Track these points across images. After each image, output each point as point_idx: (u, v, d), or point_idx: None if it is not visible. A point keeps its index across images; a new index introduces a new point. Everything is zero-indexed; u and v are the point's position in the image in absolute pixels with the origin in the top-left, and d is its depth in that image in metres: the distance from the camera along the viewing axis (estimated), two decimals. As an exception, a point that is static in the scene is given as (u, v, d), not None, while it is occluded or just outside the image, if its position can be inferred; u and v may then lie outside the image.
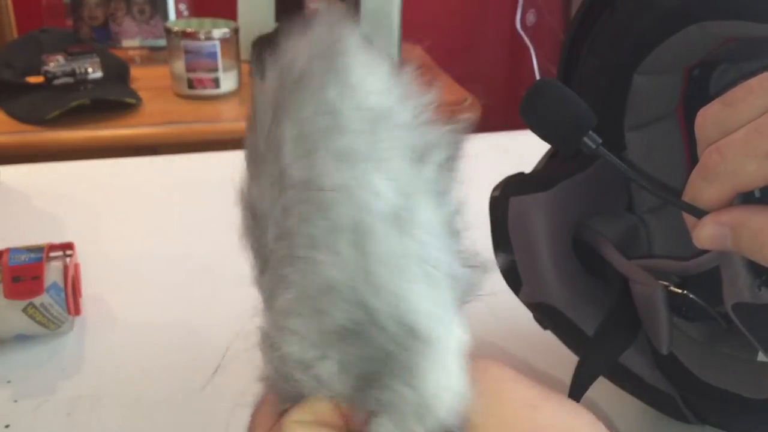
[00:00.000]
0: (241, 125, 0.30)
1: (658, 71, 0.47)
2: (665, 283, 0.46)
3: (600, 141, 0.34)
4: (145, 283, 0.71)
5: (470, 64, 2.21)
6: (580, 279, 0.50)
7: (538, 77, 2.05)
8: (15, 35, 1.73)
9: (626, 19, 0.45)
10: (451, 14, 2.25)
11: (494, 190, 0.48)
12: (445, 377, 0.26)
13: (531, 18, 2.08)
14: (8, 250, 0.61)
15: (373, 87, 0.26)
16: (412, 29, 1.98)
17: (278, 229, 0.26)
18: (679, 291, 0.46)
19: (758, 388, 0.46)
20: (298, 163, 0.26)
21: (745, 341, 0.42)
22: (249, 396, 0.33)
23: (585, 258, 0.50)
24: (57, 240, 0.65)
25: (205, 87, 1.57)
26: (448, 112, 0.29)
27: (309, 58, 0.26)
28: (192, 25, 1.62)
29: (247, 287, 0.29)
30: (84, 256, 0.67)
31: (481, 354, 0.27)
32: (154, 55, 1.81)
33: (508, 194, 0.47)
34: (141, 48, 1.83)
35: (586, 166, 0.48)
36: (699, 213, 0.32)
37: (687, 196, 0.33)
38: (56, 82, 1.45)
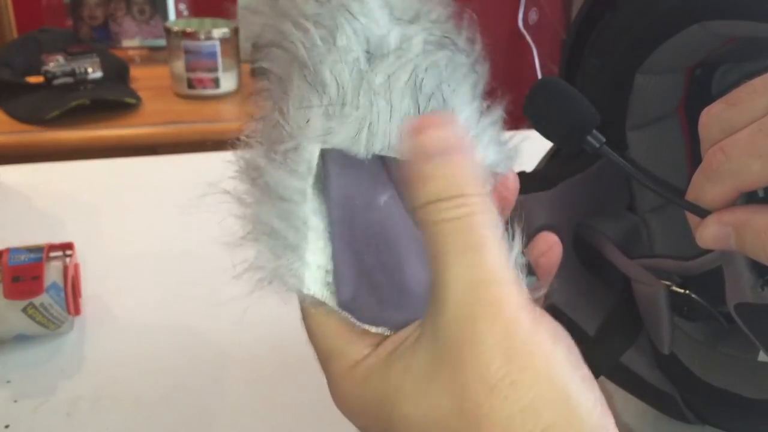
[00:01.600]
0: (241, 125, 0.31)
1: (660, 71, 0.47)
2: (667, 282, 0.46)
3: (603, 140, 0.34)
4: (145, 283, 0.71)
5: (470, 64, 2.20)
6: (582, 278, 0.50)
7: (540, 76, 2.05)
8: (15, 35, 1.73)
9: (628, 19, 0.45)
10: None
11: (495, 189, 0.48)
12: None
13: (533, 16, 2.08)
14: (8, 250, 0.61)
15: None
16: (412, 29, 1.98)
17: None
18: (681, 291, 0.46)
19: (759, 388, 0.46)
20: None
21: (747, 341, 0.42)
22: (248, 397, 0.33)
23: (586, 257, 0.50)
24: (57, 240, 0.65)
25: (205, 87, 1.57)
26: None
27: None
28: (192, 25, 1.62)
29: (246, 287, 0.29)
30: (84, 256, 0.67)
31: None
32: (154, 55, 1.81)
33: (509, 194, 0.47)
34: (141, 48, 1.83)
35: (587, 165, 0.48)
36: (702, 212, 0.32)
37: (690, 196, 0.33)
38: (56, 82, 1.45)
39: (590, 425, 0.24)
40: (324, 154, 0.29)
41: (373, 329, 0.29)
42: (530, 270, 0.31)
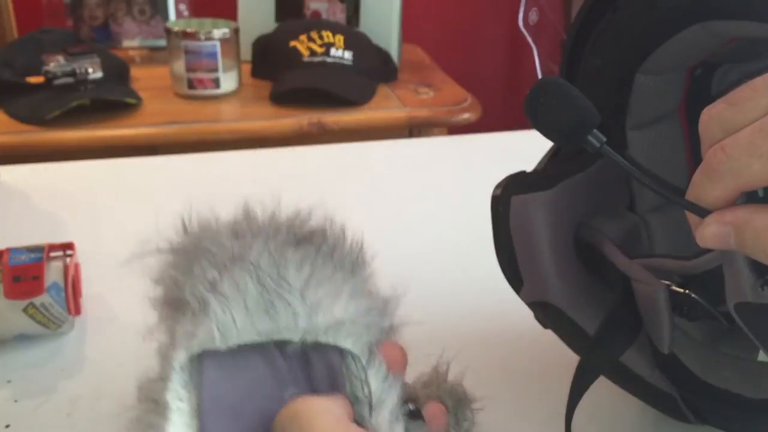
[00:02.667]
0: (241, 125, 0.31)
1: (661, 71, 0.47)
2: (667, 282, 0.46)
3: (604, 139, 0.34)
4: (146, 283, 0.71)
5: (471, 63, 2.21)
6: (582, 278, 0.50)
7: (540, 76, 2.05)
8: (15, 35, 1.73)
9: (628, 19, 0.45)
10: (452, 13, 2.25)
11: (496, 188, 0.48)
12: None
13: (533, 16, 2.08)
14: (8, 250, 0.61)
15: None
16: (412, 29, 1.98)
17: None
18: (681, 290, 0.46)
19: (758, 388, 0.46)
20: None
21: (747, 341, 0.42)
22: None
23: (586, 257, 0.50)
24: (57, 240, 0.65)
25: (205, 87, 1.57)
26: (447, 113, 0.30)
27: None
28: (192, 25, 1.62)
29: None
30: (84, 256, 0.67)
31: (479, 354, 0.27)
32: (154, 55, 1.81)
33: (509, 193, 0.47)
34: (141, 48, 1.83)
35: (587, 165, 0.48)
36: (702, 212, 0.32)
37: (690, 195, 0.33)
38: (56, 82, 1.45)
39: None
40: (203, 357, 0.34)
41: None
42: (418, 415, 0.35)
